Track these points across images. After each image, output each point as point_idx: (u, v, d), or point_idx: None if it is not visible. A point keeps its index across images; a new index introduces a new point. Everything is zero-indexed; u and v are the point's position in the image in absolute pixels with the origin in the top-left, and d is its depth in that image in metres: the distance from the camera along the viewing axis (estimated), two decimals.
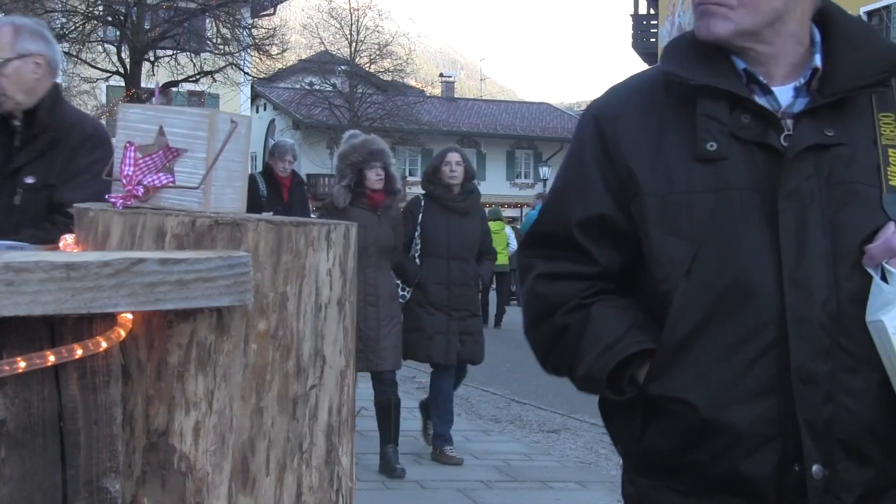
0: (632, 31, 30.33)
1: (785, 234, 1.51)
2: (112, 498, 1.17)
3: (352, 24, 34.53)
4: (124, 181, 1.29)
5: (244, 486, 1.25)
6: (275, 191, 7.33)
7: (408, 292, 5.97)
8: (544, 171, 33.31)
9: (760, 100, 1.59)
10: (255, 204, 6.84)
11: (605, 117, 1.67)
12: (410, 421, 6.53)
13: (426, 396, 6.36)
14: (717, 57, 1.61)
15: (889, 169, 1.57)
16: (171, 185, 1.31)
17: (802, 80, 1.61)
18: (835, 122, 1.57)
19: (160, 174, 1.30)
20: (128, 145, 1.30)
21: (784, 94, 1.61)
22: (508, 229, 16.77)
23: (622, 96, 1.70)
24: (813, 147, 1.54)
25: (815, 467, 1.49)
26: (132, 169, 1.29)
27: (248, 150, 1.38)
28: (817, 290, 1.49)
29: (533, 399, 8.18)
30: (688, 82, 1.59)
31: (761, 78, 1.60)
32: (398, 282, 5.96)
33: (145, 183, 1.29)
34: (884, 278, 1.48)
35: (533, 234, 1.76)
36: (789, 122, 1.57)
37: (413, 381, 8.83)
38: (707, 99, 1.58)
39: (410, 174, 37.78)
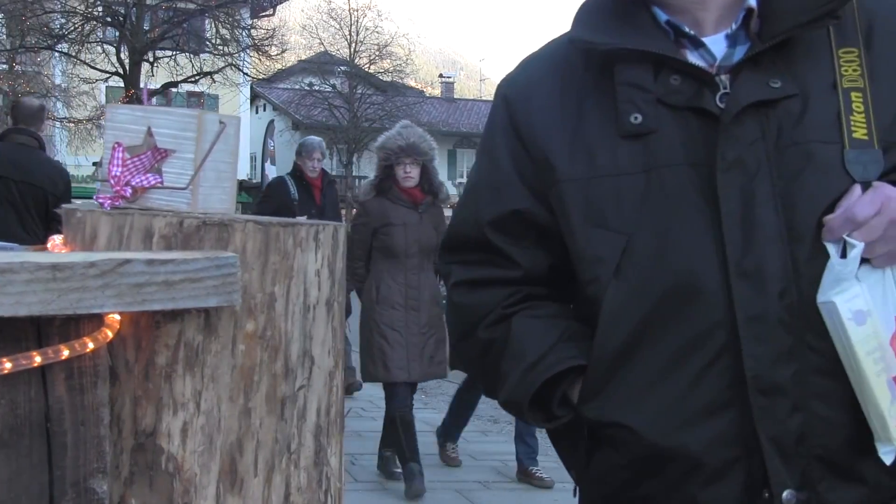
0: None
1: (728, 214, 1.25)
2: (99, 499, 1.17)
3: (351, 25, 34.62)
4: (112, 182, 1.29)
5: (232, 486, 1.25)
6: (306, 192, 6.91)
7: None
8: None
9: (692, 55, 1.33)
10: (287, 208, 6.57)
11: (516, 96, 1.43)
12: None
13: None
14: (636, 12, 1.35)
15: (852, 118, 1.27)
16: (159, 185, 1.31)
17: (735, 26, 1.33)
18: (782, 70, 1.29)
19: (148, 175, 1.30)
20: (116, 146, 1.30)
21: (717, 44, 1.33)
22: None
23: (534, 70, 1.45)
24: (756, 105, 1.27)
25: (786, 493, 1.24)
26: (120, 170, 1.29)
27: (238, 150, 1.38)
28: (771, 279, 1.24)
29: None
30: (597, 48, 1.34)
31: (687, 28, 1.33)
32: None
33: (133, 184, 1.29)
34: (845, 255, 1.25)
35: (449, 236, 1.54)
36: (725, 77, 1.30)
37: None
38: (625, 63, 1.32)
39: None
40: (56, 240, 1.30)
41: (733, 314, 1.24)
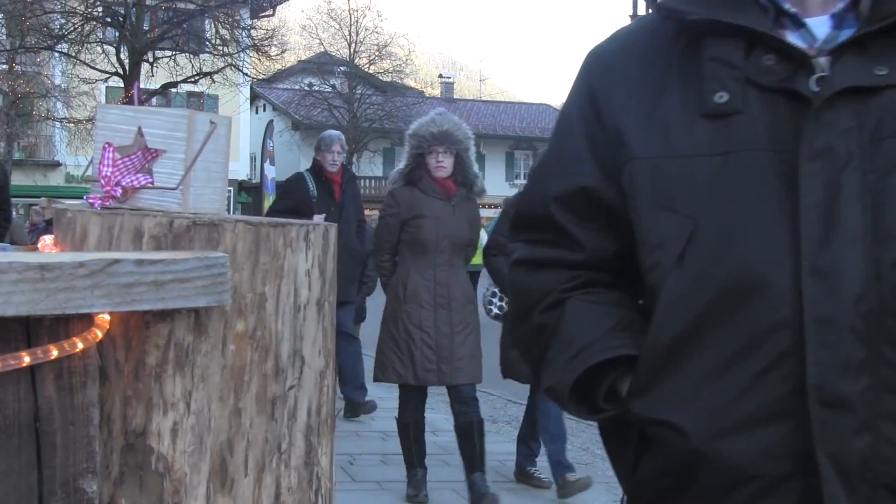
0: None
1: (808, 206, 1.13)
2: (89, 499, 1.17)
3: (351, 25, 34.62)
4: (102, 182, 1.29)
5: (222, 486, 1.25)
6: (326, 189, 6.51)
7: (507, 303, 5.12)
8: None
9: (791, 35, 1.21)
10: (305, 206, 6.30)
11: (598, 69, 1.34)
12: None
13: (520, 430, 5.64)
14: None
15: None
16: (149, 185, 1.31)
17: (842, 5, 1.21)
18: (892, 57, 1.16)
19: (139, 175, 1.30)
20: (106, 146, 1.30)
21: (821, 25, 1.22)
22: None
23: (621, 41, 1.36)
24: (854, 91, 1.15)
25: None
26: (110, 170, 1.29)
27: (229, 150, 1.38)
28: (848, 281, 1.12)
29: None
30: (685, 18, 1.24)
31: (789, 6, 1.22)
32: (496, 290, 5.21)
33: (124, 184, 1.29)
34: None
35: (517, 212, 1.45)
36: (824, 59, 1.18)
37: None
38: (715, 38, 1.22)
39: None
40: (46, 240, 1.30)
41: (801, 315, 1.13)
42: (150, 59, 20.90)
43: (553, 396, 1.32)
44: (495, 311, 5.21)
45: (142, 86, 20.47)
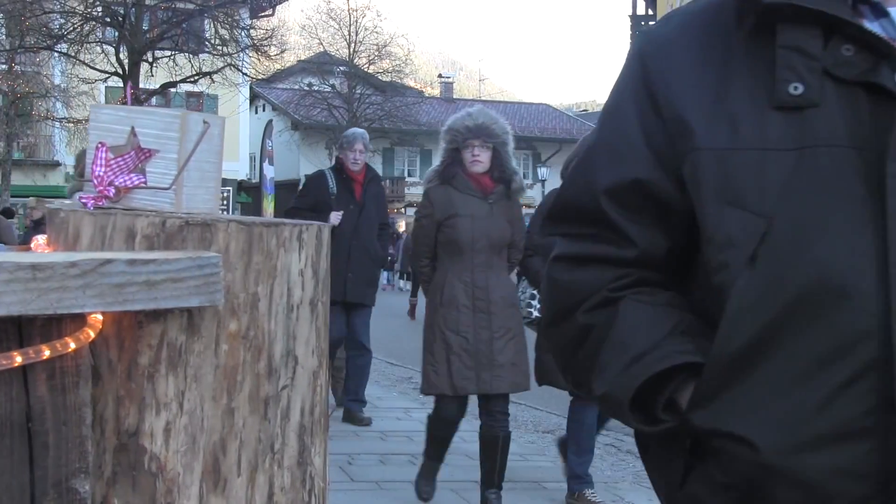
0: (630, 31, 30.55)
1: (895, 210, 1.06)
2: (81, 499, 1.17)
3: (350, 25, 34.62)
4: (95, 182, 1.29)
5: (215, 486, 1.25)
6: (346, 188, 6.47)
7: None
8: (543, 172, 33.49)
9: (871, 25, 1.13)
10: (324, 203, 6.31)
11: (653, 53, 1.24)
12: (406, 421, 6.52)
13: (564, 435, 5.43)
14: None
15: None
16: (142, 185, 1.31)
17: None
18: None
19: (132, 175, 1.30)
20: (99, 146, 1.30)
21: None
22: None
23: (678, 24, 1.26)
24: None
25: None
26: (103, 169, 1.29)
27: (222, 150, 1.38)
28: None
29: (528, 399, 8.18)
30: (759, 0, 1.15)
31: None
32: (534, 291, 4.91)
33: (117, 183, 1.29)
34: None
35: (557, 204, 1.34)
36: None
37: (409, 381, 8.82)
38: (790, 24, 1.13)
39: (409, 175, 37.94)
40: (39, 240, 1.30)
41: (888, 326, 1.05)
42: (150, 59, 20.90)
43: (607, 404, 1.24)
44: (536, 313, 4.91)
45: (141, 86, 20.48)
